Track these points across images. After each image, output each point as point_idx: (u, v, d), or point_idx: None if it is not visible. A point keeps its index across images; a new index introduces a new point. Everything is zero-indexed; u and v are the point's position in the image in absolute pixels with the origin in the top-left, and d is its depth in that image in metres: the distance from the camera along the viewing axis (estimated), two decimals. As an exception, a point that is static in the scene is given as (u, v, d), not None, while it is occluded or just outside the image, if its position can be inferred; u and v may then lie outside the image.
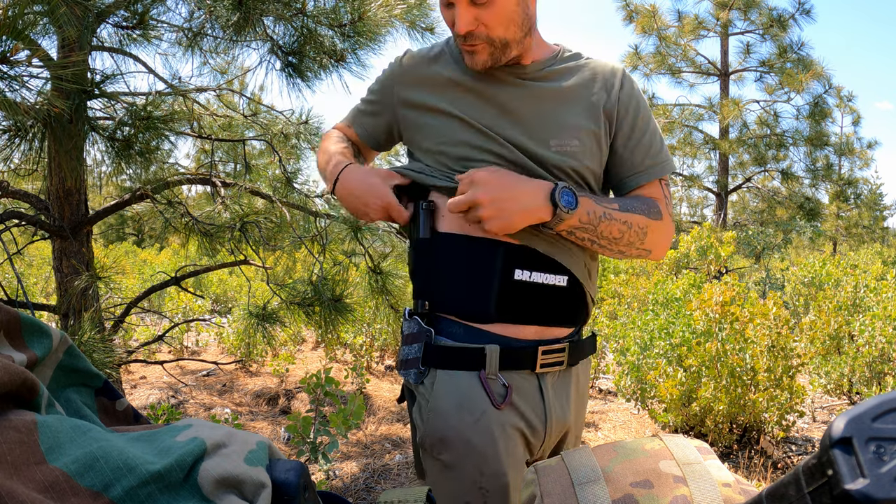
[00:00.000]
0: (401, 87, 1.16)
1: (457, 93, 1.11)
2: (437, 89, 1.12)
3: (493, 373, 1.06)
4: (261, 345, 5.05)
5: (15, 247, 2.72)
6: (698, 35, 11.67)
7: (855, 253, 15.83)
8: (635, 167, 1.15)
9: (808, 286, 7.15)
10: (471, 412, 1.05)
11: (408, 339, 1.11)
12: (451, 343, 1.08)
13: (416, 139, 1.14)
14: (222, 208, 2.94)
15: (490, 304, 1.06)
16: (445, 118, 1.10)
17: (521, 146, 1.08)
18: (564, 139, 1.09)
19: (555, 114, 1.10)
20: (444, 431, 1.05)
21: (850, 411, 0.32)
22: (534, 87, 1.11)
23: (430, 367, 1.08)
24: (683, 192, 15.05)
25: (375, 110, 1.22)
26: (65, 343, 0.50)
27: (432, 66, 1.14)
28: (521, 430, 1.08)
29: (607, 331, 4.89)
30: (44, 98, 1.69)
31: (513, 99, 1.10)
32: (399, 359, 1.14)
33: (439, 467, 1.07)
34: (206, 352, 6.05)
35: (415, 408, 1.11)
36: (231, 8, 2.21)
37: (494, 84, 1.10)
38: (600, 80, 1.14)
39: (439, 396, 1.06)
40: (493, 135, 1.08)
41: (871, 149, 17.05)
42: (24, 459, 0.34)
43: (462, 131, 1.09)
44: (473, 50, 1.05)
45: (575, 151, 1.09)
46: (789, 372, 3.21)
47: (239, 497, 0.40)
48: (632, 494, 0.72)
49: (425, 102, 1.12)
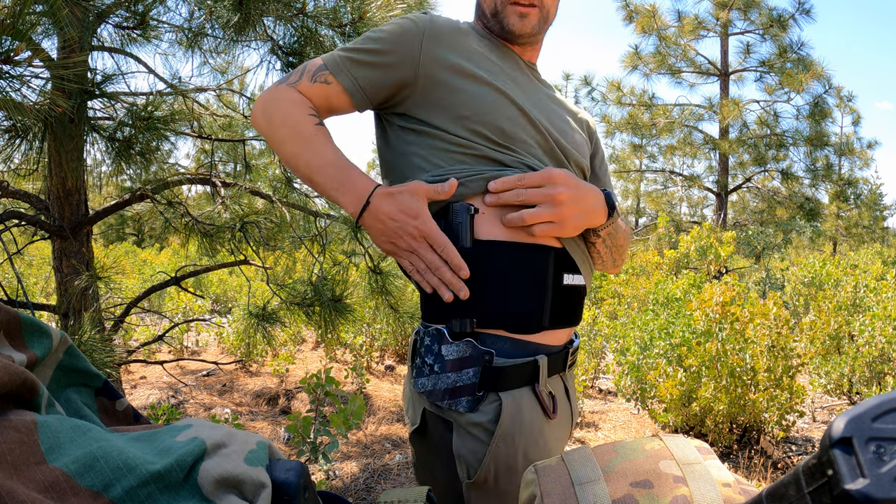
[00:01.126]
0: (432, 43, 1.01)
1: (495, 69, 1.04)
2: (473, 58, 1.03)
3: (544, 385, 1.00)
4: (261, 345, 5.05)
5: (15, 247, 2.72)
6: (698, 35, 11.67)
7: (855, 253, 15.83)
8: (605, 186, 1.22)
9: (808, 286, 7.15)
10: (531, 432, 0.97)
11: (456, 364, 0.96)
12: (509, 361, 0.97)
13: (447, 103, 1.00)
14: (222, 208, 2.94)
15: (545, 313, 1.00)
16: (487, 88, 1.01)
17: (552, 135, 1.06)
18: (576, 136, 1.13)
19: (563, 112, 1.14)
20: (511, 459, 0.95)
21: (850, 411, 0.32)
22: (544, 86, 1.16)
23: (488, 391, 0.96)
24: (683, 192, 15.04)
25: (387, 62, 1.01)
26: (65, 343, 0.50)
27: (467, 37, 1.06)
28: (563, 439, 1.08)
29: (607, 331, 4.89)
30: (45, 98, 1.69)
31: (535, 89, 1.11)
32: (442, 388, 0.97)
33: (499, 498, 0.96)
34: (206, 352, 6.05)
35: (457, 439, 0.97)
36: (231, 8, 2.21)
37: (518, 70, 1.10)
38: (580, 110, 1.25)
39: (506, 421, 0.95)
40: (533, 117, 1.03)
41: (871, 149, 17.04)
42: (24, 459, 0.34)
43: (505, 105, 1.01)
44: (527, 12, 1.06)
45: (582, 150, 1.14)
46: (789, 372, 3.21)
47: (239, 497, 0.40)
48: (632, 494, 0.72)
49: (463, 67, 1.01)
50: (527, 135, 1.02)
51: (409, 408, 1.07)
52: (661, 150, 13.46)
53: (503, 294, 0.98)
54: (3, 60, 1.40)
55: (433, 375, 0.98)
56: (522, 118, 1.02)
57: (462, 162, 1.00)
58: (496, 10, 1.08)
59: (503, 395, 0.96)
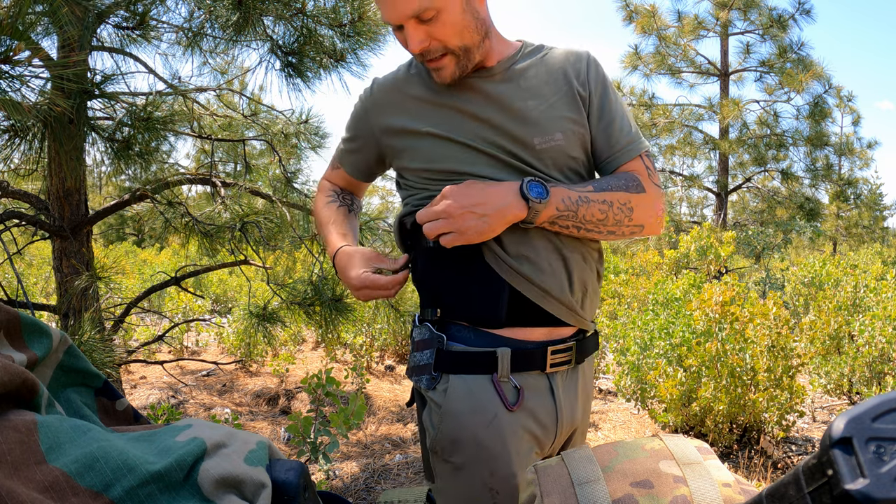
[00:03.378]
0: (377, 117, 1.16)
1: (433, 111, 1.11)
2: (413, 111, 1.12)
3: (505, 375, 1.07)
4: (261, 345, 5.05)
5: (15, 247, 2.72)
6: (698, 35, 11.67)
7: (855, 253, 15.83)
8: (612, 148, 1.13)
9: (808, 286, 7.15)
10: (483, 415, 1.06)
11: (419, 345, 1.12)
12: (464, 348, 1.08)
13: (403, 162, 1.15)
14: (222, 208, 2.94)
15: (500, 311, 1.07)
16: (428, 139, 1.10)
17: (508, 150, 1.08)
18: (547, 134, 1.08)
19: (532, 111, 1.09)
20: (457, 433, 1.06)
21: (850, 411, 0.32)
22: (505, 88, 1.10)
23: (442, 372, 1.09)
24: (683, 192, 15.04)
25: (357, 147, 1.23)
26: (65, 343, 0.50)
27: (402, 89, 1.14)
28: (532, 431, 1.09)
29: (607, 331, 4.89)
30: (45, 98, 1.69)
31: (489, 105, 1.09)
32: (410, 365, 1.15)
33: (450, 469, 1.08)
34: (206, 352, 6.05)
35: (425, 412, 1.12)
36: (231, 8, 2.21)
37: (467, 94, 1.10)
38: (568, 66, 1.13)
39: (452, 400, 1.07)
40: (479, 146, 1.08)
41: (871, 149, 17.02)
42: (24, 459, 0.34)
43: (447, 148, 1.09)
44: (438, 66, 1.05)
45: (560, 144, 1.09)
46: (789, 372, 3.21)
47: (239, 497, 0.40)
48: (632, 494, 0.72)
49: (404, 126, 1.12)
50: (476, 166, 1.08)
51: None
52: (661, 150, 13.46)
53: (462, 289, 1.10)
54: (3, 60, 1.40)
55: (410, 355, 1.16)
56: (465, 151, 1.09)
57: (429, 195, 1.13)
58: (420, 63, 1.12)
59: (454, 377, 1.08)
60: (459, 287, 1.10)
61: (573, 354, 1.13)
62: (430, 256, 1.12)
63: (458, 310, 1.10)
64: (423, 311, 1.14)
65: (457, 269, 1.09)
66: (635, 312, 5.40)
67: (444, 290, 1.11)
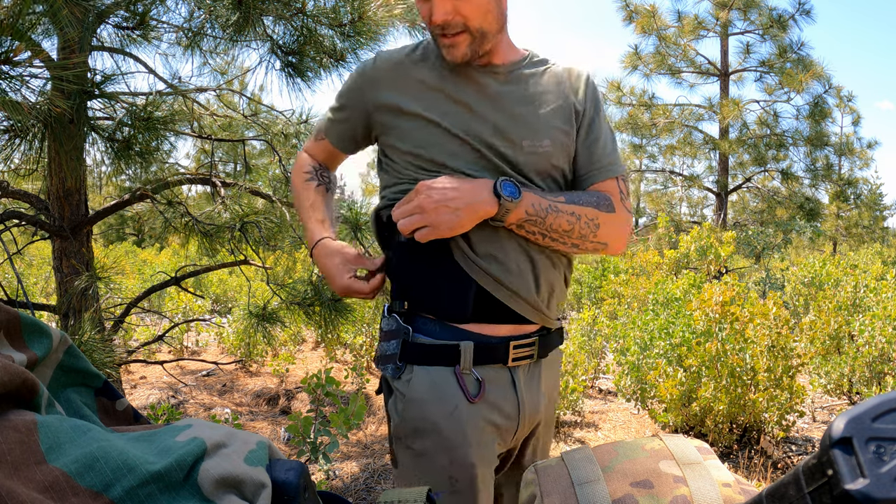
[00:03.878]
0: (373, 90, 1.17)
1: (431, 96, 1.13)
2: (411, 92, 1.14)
3: (467, 368, 1.10)
4: (261, 345, 5.05)
5: (15, 247, 2.72)
6: (698, 35, 11.67)
7: (855, 253, 15.83)
8: (592, 164, 1.18)
9: (808, 286, 7.15)
10: (444, 405, 1.09)
11: (386, 335, 1.16)
12: (428, 340, 1.12)
13: (390, 141, 1.16)
14: (222, 208, 2.94)
15: (468, 307, 1.11)
16: (420, 122, 1.12)
17: (495, 148, 1.11)
18: (537, 140, 1.12)
19: (527, 115, 1.13)
20: (418, 422, 1.10)
21: (850, 411, 0.32)
22: (507, 89, 1.14)
23: (407, 362, 1.13)
24: (683, 192, 15.05)
25: (346, 116, 1.23)
26: (65, 343, 0.50)
27: (405, 68, 1.16)
28: (493, 422, 1.12)
29: (607, 331, 4.89)
30: (45, 98, 1.69)
31: (487, 100, 1.12)
32: (377, 354, 1.19)
33: (411, 456, 1.12)
34: (206, 352, 6.05)
35: (391, 400, 1.16)
36: (231, 8, 2.21)
37: (468, 86, 1.13)
38: (568, 82, 1.19)
39: (415, 390, 1.11)
40: (467, 138, 1.10)
41: (871, 149, 17.01)
42: (24, 459, 0.34)
43: (437, 135, 1.11)
44: (453, 42, 1.07)
45: (547, 152, 1.13)
46: (789, 372, 3.21)
47: (239, 497, 0.40)
48: (632, 494, 0.72)
49: (399, 105, 1.13)
50: (462, 159, 1.11)
51: None
52: (661, 150, 13.46)
53: (431, 285, 1.13)
54: (3, 61, 1.40)
55: (378, 344, 1.20)
56: (456, 142, 1.11)
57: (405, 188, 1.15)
58: (433, 38, 1.13)
59: (418, 368, 1.11)
60: (429, 282, 1.13)
61: (536, 349, 1.17)
62: (404, 251, 1.15)
63: (427, 303, 1.13)
64: (392, 302, 1.18)
65: (428, 263, 1.13)
66: (635, 312, 5.40)
67: (414, 283, 1.15)
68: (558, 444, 3.61)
